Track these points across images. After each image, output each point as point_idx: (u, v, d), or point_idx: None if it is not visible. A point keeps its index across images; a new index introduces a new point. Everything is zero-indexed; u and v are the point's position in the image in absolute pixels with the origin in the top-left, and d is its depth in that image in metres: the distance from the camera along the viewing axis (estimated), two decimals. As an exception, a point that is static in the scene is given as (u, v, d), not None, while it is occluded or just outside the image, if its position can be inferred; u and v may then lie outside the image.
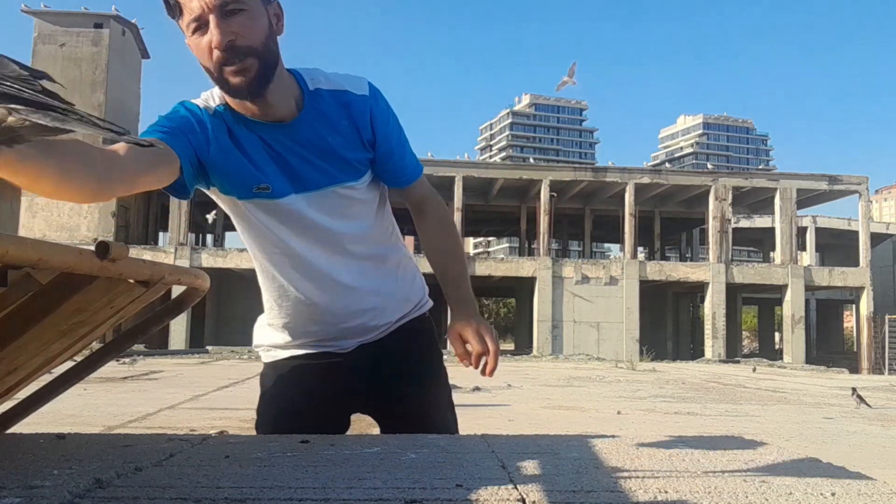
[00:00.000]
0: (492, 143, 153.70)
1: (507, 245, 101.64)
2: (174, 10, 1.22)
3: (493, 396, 9.52)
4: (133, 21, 32.76)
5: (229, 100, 1.31)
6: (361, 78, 1.40)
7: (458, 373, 2.25)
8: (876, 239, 33.97)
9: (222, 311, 32.46)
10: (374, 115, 1.37)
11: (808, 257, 34.99)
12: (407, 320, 1.57)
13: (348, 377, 1.51)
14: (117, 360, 13.78)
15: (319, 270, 1.42)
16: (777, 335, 42.61)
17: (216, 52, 1.20)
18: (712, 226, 30.59)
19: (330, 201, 1.39)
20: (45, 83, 0.76)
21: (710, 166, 47.35)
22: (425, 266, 1.59)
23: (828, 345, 42.30)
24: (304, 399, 1.48)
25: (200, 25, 1.20)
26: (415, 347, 1.58)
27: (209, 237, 40.37)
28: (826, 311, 43.57)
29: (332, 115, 1.35)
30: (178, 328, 27.61)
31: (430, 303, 1.66)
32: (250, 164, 1.32)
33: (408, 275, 1.60)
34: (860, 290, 30.81)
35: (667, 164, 72.59)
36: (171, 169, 1.22)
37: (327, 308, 1.46)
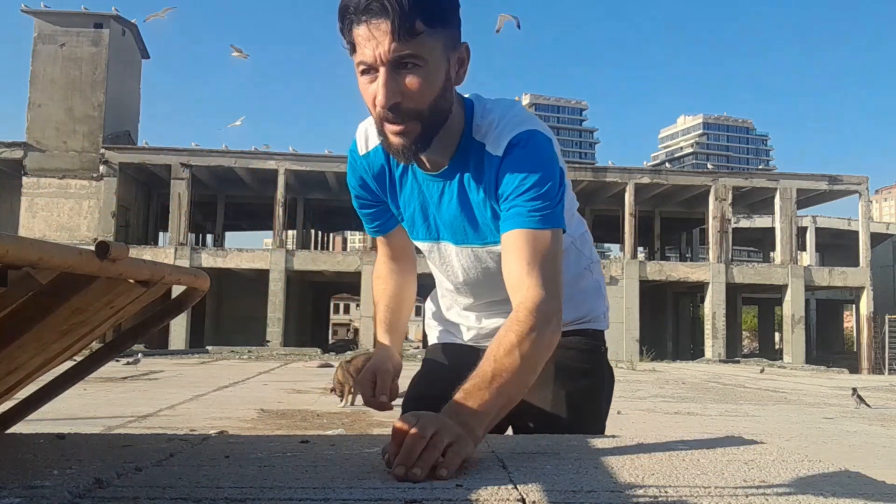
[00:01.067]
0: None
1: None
2: (349, 46, 1.13)
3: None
4: (133, 21, 32.77)
5: None
6: (515, 128, 1.21)
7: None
8: (876, 239, 33.96)
9: (222, 311, 32.47)
10: (499, 175, 1.21)
11: (808, 257, 34.98)
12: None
13: None
14: (118, 360, 13.78)
15: (467, 289, 1.47)
16: (777, 335, 42.60)
17: (379, 109, 1.12)
18: (712, 226, 30.59)
19: (471, 257, 1.37)
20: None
21: (710, 166, 47.35)
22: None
23: (828, 345, 42.29)
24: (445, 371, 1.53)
25: (370, 70, 1.10)
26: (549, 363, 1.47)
27: (209, 237, 40.37)
28: (826, 311, 43.56)
29: (477, 170, 1.24)
30: (178, 328, 27.60)
31: (602, 324, 1.52)
32: (405, 212, 1.37)
33: (581, 287, 1.48)
34: (860, 290, 30.81)
35: (667, 164, 72.62)
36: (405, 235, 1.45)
37: (477, 316, 1.51)
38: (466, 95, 1.28)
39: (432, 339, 1.62)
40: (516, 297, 1.14)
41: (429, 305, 1.64)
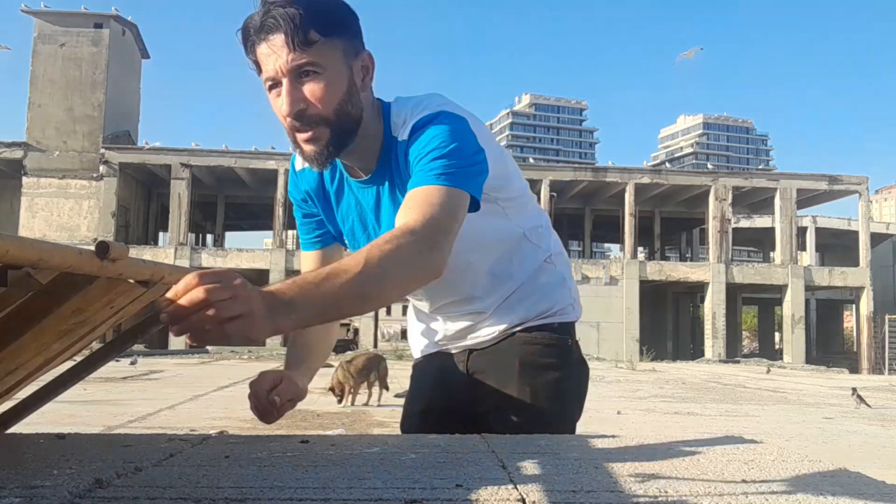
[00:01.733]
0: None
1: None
2: (256, 67, 1.17)
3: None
4: (132, 21, 32.78)
5: None
6: (422, 112, 1.22)
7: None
8: (876, 239, 33.97)
9: (222, 311, 32.45)
10: (407, 156, 1.21)
11: (808, 257, 34.99)
12: (522, 328, 1.43)
13: (454, 377, 1.51)
14: (117, 360, 13.79)
15: (421, 292, 1.46)
16: (777, 335, 42.61)
17: (287, 119, 1.16)
18: (712, 226, 30.60)
19: None
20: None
21: (710, 166, 47.37)
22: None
23: (828, 345, 42.30)
24: (426, 391, 1.55)
25: (275, 85, 1.15)
26: (513, 361, 1.42)
27: (209, 237, 40.39)
28: (826, 311, 43.56)
29: (400, 166, 1.24)
30: (178, 328, 27.58)
31: (570, 315, 1.48)
32: (345, 226, 1.39)
33: (541, 281, 1.45)
34: (860, 290, 30.82)
35: (667, 164, 72.71)
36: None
37: (432, 316, 1.51)
38: (389, 100, 1.30)
39: (414, 353, 1.63)
40: None
41: (409, 315, 1.65)
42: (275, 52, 1.12)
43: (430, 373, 1.56)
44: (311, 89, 1.14)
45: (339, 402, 8.53)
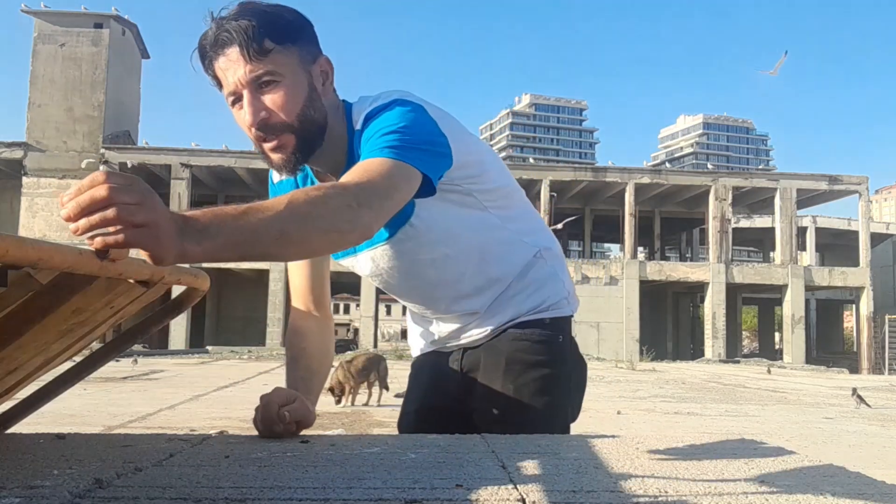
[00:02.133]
0: (492, 142, 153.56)
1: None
2: (216, 83, 1.19)
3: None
4: (132, 20, 32.78)
5: None
6: (376, 102, 1.22)
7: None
8: (876, 239, 33.96)
9: (222, 311, 32.47)
10: (360, 143, 1.18)
11: (808, 257, 34.98)
12: (514, 324, 1.42)
13: (449, 375, 1.52)
14: (118, 360, 13.78)
15: (400, 293, 1.48)
16: (777, 335, 42.60)
17: (251, 130, 1.17)
18: (712, 226, 30.59)
19: (384, 257, 1.36)
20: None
21: (710, 166, 47.36)
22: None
23: (828, 345, 42.29)
24: (422, 391, 1.57)
25: (237, 99, 1.17)
26: (501, 358, 1.41)
27: (209, 237, 40.37)
28: (826, 311, 43.55)
29: (357, 155, 1.23)
30: (178, 328, 27.60)
31: (563, 310, 1.45)
32: None
33: (532, 276, 1.43)
34: (860, 290, 30.81)
35: (667, 164, 72.67)
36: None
37: (427, 318, 1.52)
38: (352, 101, 1.30)
39: (413, 352, 1.64)
40: None
41: (407, 316, 1.66)
42: (232, 66, 1.14)
43: (426, 371, 1.57)
44: (271, 98, 1.15)
45: (338, 402, 8.53)
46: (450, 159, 1.20)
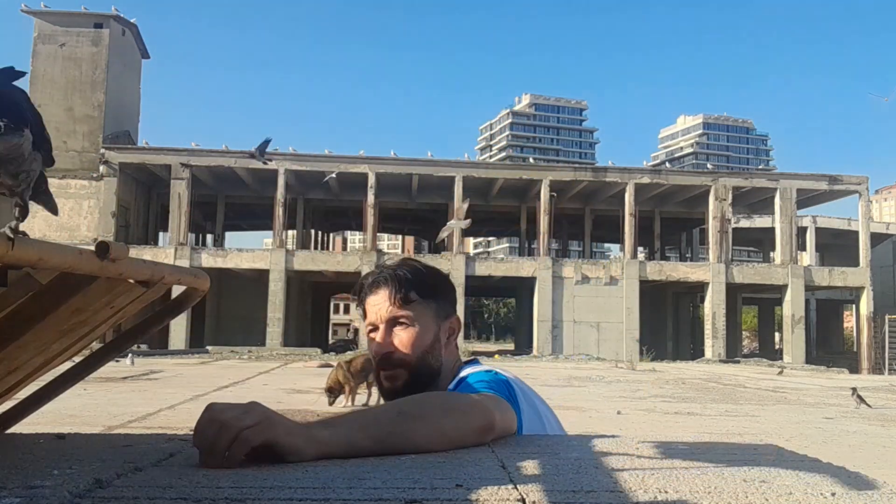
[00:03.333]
0: (492, 143, 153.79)
1: (507, 245, 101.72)
2: (362, 313, 1.39)
3: (493, 396, 9.51)
4: (132, 21, 32.79)
5: None
6: (476, 369, 1.36)
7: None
8: (876, 239, 33.98)
9: (222, 311, 32.47)
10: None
11: (808, 257, 35.00)
12: None
13: None
14: (117, 360, 13.78)
15: None
16: (777, 335, 42.62)
17: (375, 357, 1.35)
18: (712, 226, 30.61)
19: None
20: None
21: (710, 166, 47.37)
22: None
23: (828, 345, 42.31)
24: None
25: (374, 329, 1.36)
26: None
27: (209, 237, 40.39)
28: (826, 311, 43.57)
29: None
30: (178, 328, 27.61)
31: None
32: None
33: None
34: (860, 290, 30.83)
35: (667, 164, 72.65)
36: None
37: None
38: (471, 359, 1.45)
39: None
40: None
41: None
42: (379, 303, 1.35)
43: None
44: (400, 337, 1.34)
45: (331, 403, 8.54)
46: (519, 424, 1.28)
